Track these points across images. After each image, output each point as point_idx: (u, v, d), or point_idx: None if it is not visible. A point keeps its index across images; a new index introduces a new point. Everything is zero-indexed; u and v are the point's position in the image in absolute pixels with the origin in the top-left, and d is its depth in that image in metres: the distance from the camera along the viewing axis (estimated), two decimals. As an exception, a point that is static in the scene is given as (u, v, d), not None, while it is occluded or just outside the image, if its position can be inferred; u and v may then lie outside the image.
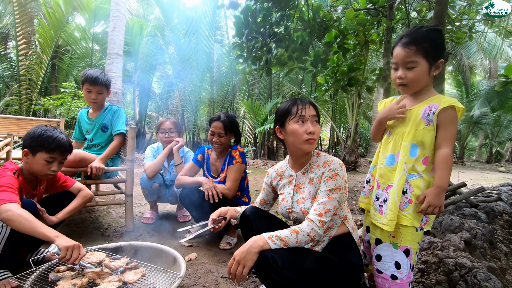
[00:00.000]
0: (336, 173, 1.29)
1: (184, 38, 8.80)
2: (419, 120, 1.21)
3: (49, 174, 1.61)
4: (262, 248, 1.16)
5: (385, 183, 1.31)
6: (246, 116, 9.96)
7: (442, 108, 1.16)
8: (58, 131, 1.62)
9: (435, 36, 1.18)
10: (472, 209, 2.46)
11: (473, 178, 7.40)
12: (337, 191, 1.27)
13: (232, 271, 1.15)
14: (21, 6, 8.01)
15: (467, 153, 17.42)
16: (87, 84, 2.36)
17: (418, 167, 1.21)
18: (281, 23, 3.29)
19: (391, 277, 1.28)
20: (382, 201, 1.31)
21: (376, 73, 4.11)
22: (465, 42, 3.97)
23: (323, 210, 1.25)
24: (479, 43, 11.89)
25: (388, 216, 1.24)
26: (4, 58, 9.67)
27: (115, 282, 1.34)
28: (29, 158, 1.57)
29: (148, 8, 12.22)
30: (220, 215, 1.45)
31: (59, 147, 1.58)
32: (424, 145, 1.20)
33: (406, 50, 1.18)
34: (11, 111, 8.43)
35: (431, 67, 1.19)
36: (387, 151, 1.31)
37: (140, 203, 3.27)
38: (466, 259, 1.61)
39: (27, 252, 1.79)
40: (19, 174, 1.57)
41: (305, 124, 1.31)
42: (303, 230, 1.21)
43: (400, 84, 1.24)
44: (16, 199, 1.42)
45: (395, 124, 1.30)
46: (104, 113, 2.49)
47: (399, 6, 3.95)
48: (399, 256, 1.26)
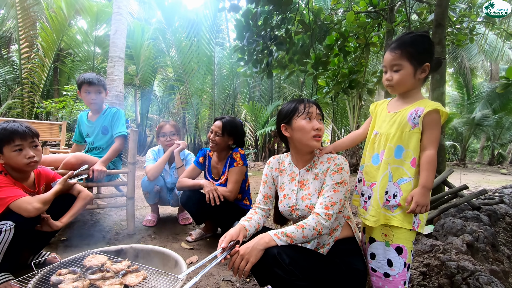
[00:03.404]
0: (342, 167, 1.31)
1: (185, 41, 8.85)
2: (405, 123, 1.26)
3: (29, 162, 1.59)
4: (268, 245, 1.16)
5: (369, 180, 1.36)
6: (247, 119, 9.97)
7: (427, 112, 1.21)
8: (10, 123, 1.61)
9: (421, 42, 1.25)
10: (474, 212, 2.45)
11: (475, 180, 7.37)
12: (342, 184, 1.29)
13: (235, 265, 1.16)
14: (24, 10, 8.07)
15: (469, 155, 17.36)
16: (85, 85, 2.40)
17: (407, 170, 1.25)
18: (282, 26, 3.30)
19: (384, 275, 1.30)
20: (366, 197, 1.37)
21: (377, 75, 4.11)
22: (466, 44, 3.98)
23: (329, 203, 1.25)
24: (480, 45, 11.90)
25: (370, 212, 1.30)
26: (6, 62, 9.72)
27: (117, 285, 1.34)
28: (0, 157, 1.57)
29: (149, 11, 12.29)
30: (231, 239, 1.23)
31: (14, 133, 1.56)
32: (409, 147, 1.25)
33: (392, 54, 1.27)
34: (13, 114, 8.46)
35: (416, 70, 1.26)
36: (373, 150, 1.37)
37: (141, 205, 3.27)
38: (469, 262, 1.60)
39: (28, 255, 1.79)
40: (6, 173, 1.58)
41: (312, 121, 1.34)
42: (309, 224, 1.21)
43: (388, 86, 1.32)
44: (21, 192, 1.50)
45: (382, 125, 1.35)
46: (103, 116, 2.51)
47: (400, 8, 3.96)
48: (391, 254, 1.29)
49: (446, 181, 2.66)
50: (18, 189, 1.54)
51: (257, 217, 1.44)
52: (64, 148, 3.72)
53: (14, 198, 1.47)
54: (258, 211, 1.50)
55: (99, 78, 2.46)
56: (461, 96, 14.26)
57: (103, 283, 1.36)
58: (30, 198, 1.52)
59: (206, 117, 9.98)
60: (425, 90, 12.24)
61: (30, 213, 1.48)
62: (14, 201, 1.46)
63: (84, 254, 1.60)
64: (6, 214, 1.46)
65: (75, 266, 1.47)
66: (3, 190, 1.48)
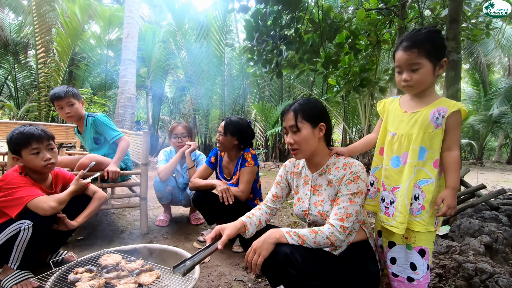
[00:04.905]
0: (358, 176, 1.26)
1: (195, 43, 8.93)
2: (427, 123, 1.22)
3: (47, 164, 1.64)
4: (278, 240, 1.17)
5: (390, 184, 1.31)
6: (257, 119, 9.97)
7: (452, 113, 1.19)
8: (26, 126, 1.66)
9: (435, 37, 1.21)
10: (492, 212, 2.37)
11: (493, 180, 7.14)
12: (359, 195, 1.25)
13: (249, 259, 1.17)
14: (40, 16, 8.34)
15: (486, 153, 16.81)
16: (55, 101, 2.31)
17: (429, 171, 1.22)
18: (291, 26, 3.28)
19: (407, 279, 1.26)
20: (388, 202, 1.31)
21: (389, 73, 4.04)
22: (482, 39, 3.85)
23: (344, 215, 1.22)
24: (497, 40, 11.50)
25: (398, 219, 1.23)
26: (24, 67, 10.07)
27: (131, 284, 1.37)
28: (19, 160, 1.63)
29: (160, 14, 12.47)
30: (216, 235, 1.29)
31: (31, 137, 1.61)
32: (433, 148, 1.21)
33: (408, 54, 1.21)
34: (31, 117, 8.76)
35: (435, 67, 1.22)
36: (392, 152, 1.31)
37: (154, 205, 3.33)
38: (487, 264, 1.55)
39: (47, 254, 1.85)
40: (26, 174, 1.64)
41: (288, 134, 1.34)
42: (323, 232, 1.20)
43: (406, 86, 1.27)
44: (38, 192, 1.56)
45: (400, 125, 1.30)
46: (86, 127, 2.46)
47: (412, 4, 3.87)
48: (414, 256, 1.25)
49: (462, 181, 2.59)
50: (35, 189, 1.59)
51: (259, 213, 1.44)
52: (79, 149, 3.82)
53: (32, 197, 1.52)
54: (263, 207, 1.49)
55: (66, 90, 2.33)
56: (477, 92, 13.82)
57: (118, 281, 1.39)
58: (46, 198, 1.57)
59: (217, 117, 10.04)
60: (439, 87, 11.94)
61: (46, 212, 1.52)
62: (31, 200, 1.51)
63: (99, 253, 1.64)
64: (24, 214, 1.51)
65: (91, 265, 1.51)
66: (22, 190, 1.53)
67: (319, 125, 1.32)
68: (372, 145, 1.53)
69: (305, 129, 1.29)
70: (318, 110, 1.33)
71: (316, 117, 1.31)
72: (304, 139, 1.29)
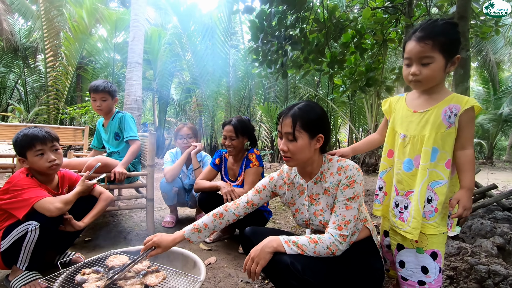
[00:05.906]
0: (354, 180, 1.21)
1: (200, 45, 8.98)
2: (439, 122, 1.15)
3: (51, 166, 1.65)
4: (276, 249, 1.15)
5: (404, 189, 1.25)
6: (263, 120, 9.96)
7: (465, 110, 1.12)
8: (31, 128, 1.68)
9: (452, 30, 1.13)
10: (504, 213, 2.32)
11: (504, 180, 6.98)
12: (355, 199, 1.20)
13: (247, 268, 1.17)
14: (49, 21, 8.50)
15: (497, 153, 16.48)
16: (91, 93, 2.47)
17: (441, 172, 1.16)
18: (296, 26, 3.27)
19: (418, 283, 1.23)
20: (402, 207, 1.25)
21: (395, 72, 3.99)
22: (491, 36, 3.78)
23: (342, 223, 1.18)
24: (507, 37, 11.28)
25: (412, 224, 1.18)
26: (34, 71, 10.27)
27: (137, 285, 1.36)
28: (25, 162, 1.65)
29: (165, 17, 12.57)
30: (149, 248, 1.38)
31: (35, 139, 1.63)
32: (445, 148, 1.15)
33: (421, 45, 1.11)
34: (40, 120, 8.91)
35: (447, 63, 1.14)
36: (404, 155, 1.24)
37: (160, 207, 3.34)
38: (500, 266, 1.51)
39: (55, 255, 1.87)
40: (32, 175, 1.65)
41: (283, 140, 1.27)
42: (323, 242, 1.16)
43: (413, 81, 1.18)
44: (45, 193, 1.57)
45: (410, 126, 1.23)
46: (112, 121, 2.56)
47: (419, 2, 3.82)
48: (426, 260, 1.21)
49: (472, 181, 2.54)
50: (42, 190, 1.61)
51: (218, 222, 1.43)
52: (87, 151, 3.86)
53: (38, 199, 1.53)
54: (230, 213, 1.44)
55: (105, 85, 2.46)
56: (487, 91, 13.57)
57: (125, 282, 1.39)
58: (53, 199, 1.58)
59: (222, 119, 10.05)
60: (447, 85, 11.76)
61: (52, 213, 1.54)
62: (38, 201, 1.53)
63: (106, 254, 1.64)
64: (31, 215, 1.52)
65: (98, 266, 1.51)
66: (28, 191, 1.55)
67: (317, 136, 1.24)
68: (375, 145, 1.49)
69: (301, 139, 1.21)
70: (318, 119, 1.24)
71: (315, 127, 1.23)
72: (299, 149, 1.22)
